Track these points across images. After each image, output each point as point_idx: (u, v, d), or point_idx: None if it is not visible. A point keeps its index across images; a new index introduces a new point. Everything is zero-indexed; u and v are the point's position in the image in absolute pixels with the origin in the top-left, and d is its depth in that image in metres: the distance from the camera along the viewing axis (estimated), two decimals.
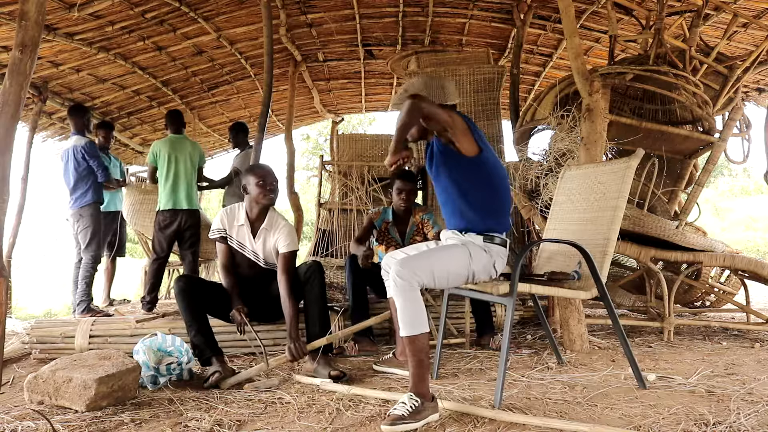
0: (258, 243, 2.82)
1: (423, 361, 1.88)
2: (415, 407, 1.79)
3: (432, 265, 2.01)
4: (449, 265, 2.06)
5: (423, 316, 1.92)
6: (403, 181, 3.39)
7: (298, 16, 5.47)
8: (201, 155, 4.38)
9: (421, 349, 1.89)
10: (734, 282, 4.31)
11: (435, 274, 2.01)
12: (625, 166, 2.39)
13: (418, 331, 1.89)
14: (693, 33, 3.78)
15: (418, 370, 1.88)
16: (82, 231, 4.19)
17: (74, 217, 4.24)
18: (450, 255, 2.09)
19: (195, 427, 1.84)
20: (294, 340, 2.53)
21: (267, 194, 2.75)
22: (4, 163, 2.15)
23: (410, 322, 1.89)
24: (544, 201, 3.53)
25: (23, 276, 12.10)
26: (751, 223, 15.84)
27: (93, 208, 4.23)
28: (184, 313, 2.60)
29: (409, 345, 1.89)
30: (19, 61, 2.15)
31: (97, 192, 4.31)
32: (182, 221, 4.13)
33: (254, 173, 2.76)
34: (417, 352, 1.88)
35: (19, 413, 2.01)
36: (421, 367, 1.88)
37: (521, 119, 4.30)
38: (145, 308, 3.98)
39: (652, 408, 1.92)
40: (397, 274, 1.91)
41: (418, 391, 1.85)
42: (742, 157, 3.99)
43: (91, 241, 4.16)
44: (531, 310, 3.82)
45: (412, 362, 1.89)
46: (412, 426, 1.75)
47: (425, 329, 1.90)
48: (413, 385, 1.87)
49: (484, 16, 5.62)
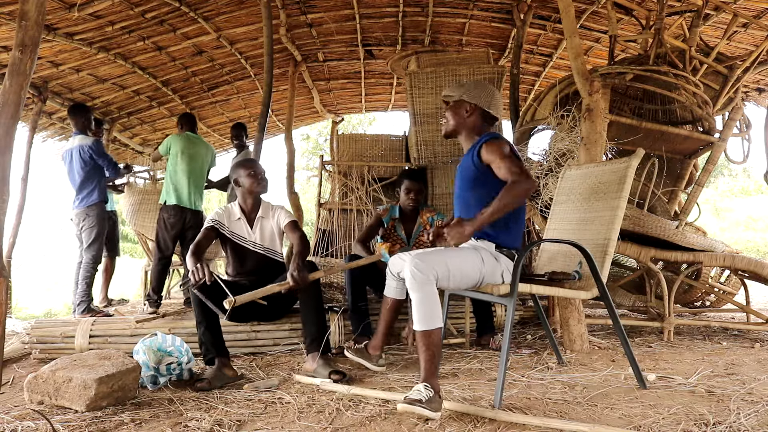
0: (256, 232, 2.97)
1: (435, 356, 1.91)
2: (430, 397, 1.80)
3: (447, 261, 2.03)
4: (463, 265, 2.08)
5: (438, 311, 1.95)
6: (411, 180, 3.39)
7: (298, 16, 5.48)
8: (213, 158, 4.40)
9: (435, 343, 1.91)
10: (734, 282, 4.31)
11: (450, 270, 2.03)
12: (625, 166, 2.39)
13: (434, 326, 1.92)
14: (693, 33, 3.78)
15: (430, 365, 1.90)
16: (87, 230, 4.16)
17: (80, 216, 4.22)
18: (464, 256, 2.12)
19: (195, 427, 1.84)
20: (298, 268, 2.54)
21: (259, 183, 2.93)
22: (4, 163, 2.15)
23: (426, 316, 1.92)
24: (544, 201, 3.54)
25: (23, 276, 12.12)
26: (751, 223, 15.84)
27: (99, 207, 4.21)
28: (195, 309, 2.59)
29: (424, 339, 1.91)
30: (19, 61, 2.16)
31: (103, 191, 4.28)
32: (186, 220, 4.13)
33: (243, 167, 2.94)
34: (431, 346, 1.91)
35: (19, 413, 2.01)
36: (433, 361, 1.90)
37: (521, 119, 4.30)
38: (153, 306, 3.93)
39: (652, 408, 1.92)
40: (415, 267, 1.93)
41: (431, 383, 1.86)
42: (742, 157, 4.00)
43: (95, 242, 4.15)
44: (531, 310, 3.82)
45: (426, 356, 1.90)
46: (427, 413, 1.75)
47: (440, 324, 1.94)
48: (425, 377, 1.88)
49: (484, 16, 5.62)
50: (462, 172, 2.35)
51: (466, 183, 2.31)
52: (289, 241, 3.03)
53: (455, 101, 2.34)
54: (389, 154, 5.24)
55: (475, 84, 2.34)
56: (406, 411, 1.78)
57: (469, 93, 2.30)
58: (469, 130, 2.33)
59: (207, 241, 2.83)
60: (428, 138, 4.98)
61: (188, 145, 4.23)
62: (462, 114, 2.32)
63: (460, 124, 2.33)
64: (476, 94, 2.29)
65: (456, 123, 2.33)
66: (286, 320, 3.15)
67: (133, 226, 5.28)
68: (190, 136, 4.31)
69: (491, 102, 2.30)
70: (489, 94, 2.30)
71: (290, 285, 2.53)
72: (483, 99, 2.29)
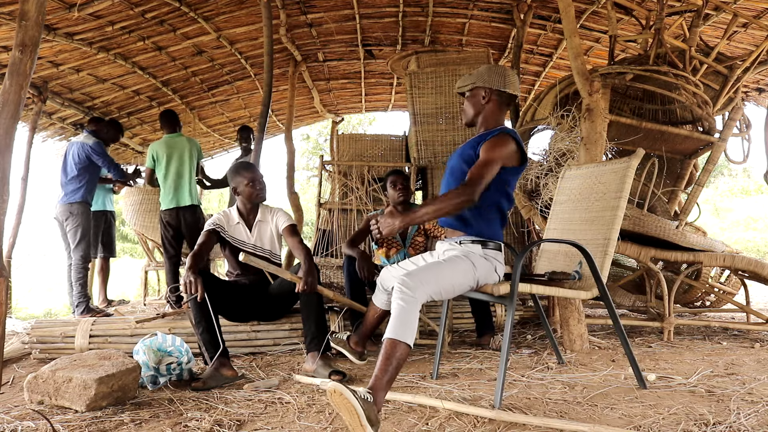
0: (254, 235, 2.99)
1: (392, 368, 1.75)
2: (368, 400, 1.62)
3: (437, 277, 1.99)
4: (453, 279, 2.05)
5: (413, 329, 1.84)
6: (394, 175, 3.44)
7: (298, 16, 5.47)
8: (199, 151, 4.39)
9: (397, 356, 1.77)
10: (734, 282, 4.31)
11: (441, 286, 1.99)
12: (625, 166, 2.39)
13: (404, 339, 1.80)
14: (693, 33, 3.78)
15: (383, 373, 1.74)
16: (72, 230, 4.16)
17: (63, 213, 4.20)
18: (454, 268, 2.08)
19: (195, 427, 1.84)
20: (312, 273, 2.59)
21: (258, 193, 2.95)
22: (4, 163, 2.15)
23: (400, 327, 1.82)
24: (544, 201, 3.54)
25: (23, 276, 12.11)
26: (751, 223, 15.82)
27: (81, 206, 4.19)
28: (193, 309, 2.58)
29: (390, 348, 1.78)
30: (19, 61, 2.16)
31: (89, 193, 4.27)
32: (185, 218, 4.14)
33: (242, 175, 2.94)
34: (393, 356, 1.77)
35: (19, 413, 2.01)
36: (387, 370, 1.74)
37: (521, 119, 4.30)
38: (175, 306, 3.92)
39: (652, 408, 1.92)
40: (402, 284, 1.88)
41: (376, 394, 1.69)
42: (742, 157, 3.99)
43: (81, 241, 4.13)
44: (531, 310, 3.82)
45: (383, 364, 1.75)
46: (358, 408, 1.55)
47: (410, 341, 1.81)
48: (372, 384, 1.72)
49: (484, 16, 5.62)
50: (461, 155, 2.30)
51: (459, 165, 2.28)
52: (287, 244, 3.04)
53: (470, 90, 2.33)
54: (389, 154, 5.24)
55: (486, 69, 2.31)
56: (335, 389, 1.58)
57: (482, 78, 2.28)
58: (486, 116, 2.30)
59: (207, 246, 2.83)
60: (428, 138, 4.98)
61: (169, 148, 4.22)
62: (479, 101, 2.30)
63: (479, 111, 2.31)
64: (488, 78, 2.27)
65: (475, 110, 2.32)
66: (286, 320, 3.15)
67: (133, 226, 5.28)
68: (167, 139, 4.27)
69: (505, 81, 2.27)
70: (501, 75, 2.28)
71: (301, 287, 2.57)
72: (496, 81, 2.27)
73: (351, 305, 2.99)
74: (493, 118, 2.30)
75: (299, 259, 2.78)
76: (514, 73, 2.35)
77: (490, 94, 2.28)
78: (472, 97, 2.33)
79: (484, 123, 2.32)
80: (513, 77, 2.31)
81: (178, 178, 4.17)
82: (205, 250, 2.80)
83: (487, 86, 2.27)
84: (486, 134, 2.26)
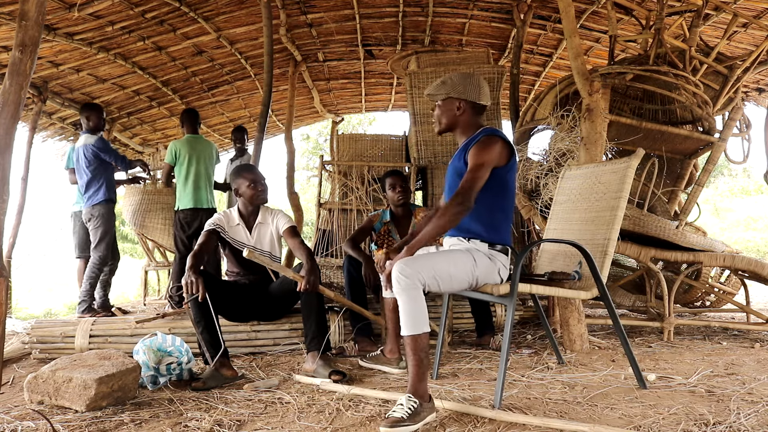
0: (254, 237, 2.98)
1: (423, 361, 1.87)
2: (414, 409, 1.77)
3: (434, 265, 2.00)
4: (451, 269, 2.05)
5: (424, 315, 1.91)
6: (392, 176, 3.38)
7: (298, 16, 5.48)
8: (217, 155, 4.43)
9: (421, 348, 1.88)
10: (734, 282, 4.31)
11: (437, 274, 1.99)
12: (625, 166, 2.39)
13: (420, 331, 1.88)
14: (693, 33, 3.78)
15: (417, 370, 1.86)
16: (93, 230, 4.13)
17: (86, 215, 4.18)
18: (454, 259, 2.08)
19: (195, 427, 1.84)
20: (314, 273, 2.60)
21: (259, 195, 2.95)
22: (4, 163, 2.15)
23: (412, 321, 1.88)
24: (544, 201, 3.54)
25: (23, 276, 12.11)
26: (751, 223, 15.81)
27: (104, 207, 4.14)
28: (193, 309, 2.57)
29: (411, 344, 1.88)
30: (19, 61, 2.16)
31: (110, 190, 4.21)
32: (202, 220, 4.11)
33: (244, 177, 2.94)
34: (417, 351, 1.87)
35: (19, 413, 2.01)
36: (420, 366, 1.87)
37: (521, 119, 4.30)
38: (176, 307, 3.91)
39: (652, 408, 1.92)
40: (400, 272, 1.90)
41: (416, 391, 1.83)
42: (742, 157, 3.99)
43: (101, 241, 4.10)
44: (531, 310, 3.82)
45: (413, 361, 1.87)
46: (412, 428, 1.73)
47: (426, 329, 1.90)
48: (412, 385, 1.85)
49: (484, 16, 5.62)
50: (454, 170, 2.28)
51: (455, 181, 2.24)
52: (287, 245, 3.06)
53: (443, 99, 2.26)
54: (389, 154, 5.24)
55: (461, 79, 2.24)
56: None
57: (456, 89, 2.21)
58: (463, 126, 2.27)
59: (208, 246, 2.84)
60: (428, 138, 4.98)
61: (193, 148, 4.26)
62: (453, 112, 2.24)
63: (454, 123, 2.26)
64: (463, 90, 2.21)
65: (448, 121, 2.27)
66: (286, 320, 3.15)
67: (133, 226, 5.27)
68: (190, 139, 4.32)
69: (480, 93, 2.23)
70: (476, 86, 2.22)
71: (303, 286, 2.58)
72: (471, 92, 2.21)
73: (351, 306, 2.98)
74: (470, 126, 2.26)
75: (301, 260, 2.79)
76: (486, 82, 2.32)
77: (465, 105, 2.22)
78: (445, 107, 2.26)
79: (463, 133, 2.28)
80: (486, 88, 2.27)
81: (199, 179, 4.20)
82: (206, 250, 2.80)
83: (462, 98, 2.21)
84: (469, 141, 2.22)
